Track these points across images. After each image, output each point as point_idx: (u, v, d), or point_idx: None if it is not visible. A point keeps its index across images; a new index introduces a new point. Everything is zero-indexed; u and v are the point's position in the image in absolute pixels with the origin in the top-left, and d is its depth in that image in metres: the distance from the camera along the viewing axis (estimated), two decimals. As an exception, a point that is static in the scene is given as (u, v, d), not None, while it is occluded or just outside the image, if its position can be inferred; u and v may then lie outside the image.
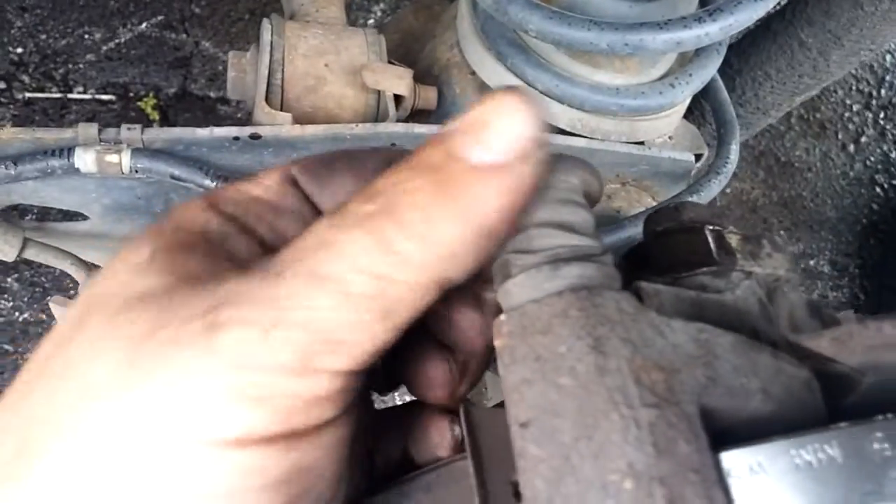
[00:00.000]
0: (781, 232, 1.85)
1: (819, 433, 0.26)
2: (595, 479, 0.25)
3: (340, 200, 0.29)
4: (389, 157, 0.34)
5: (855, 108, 1.91)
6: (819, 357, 0.30)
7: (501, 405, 0.29)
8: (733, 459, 0.26)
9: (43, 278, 1.60)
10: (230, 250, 0.31)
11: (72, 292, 1.49)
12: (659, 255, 0.37)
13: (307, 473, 0.28)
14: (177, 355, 0.26)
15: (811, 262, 1.84)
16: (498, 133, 0.27)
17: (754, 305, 0.33)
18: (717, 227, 0.36)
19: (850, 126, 1.90)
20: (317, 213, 0.34)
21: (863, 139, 1.89)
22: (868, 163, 1.89)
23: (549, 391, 0.27)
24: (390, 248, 0.26)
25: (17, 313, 1.58)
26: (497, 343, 0.29)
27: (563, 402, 0.26)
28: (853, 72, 1.90)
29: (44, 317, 1.57)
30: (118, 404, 0.26)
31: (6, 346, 1.55)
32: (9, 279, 1.58)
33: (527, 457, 0.26)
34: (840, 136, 1.90)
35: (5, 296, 1.57)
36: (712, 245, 0.35)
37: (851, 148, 1.90)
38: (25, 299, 1.58)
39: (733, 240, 0.36)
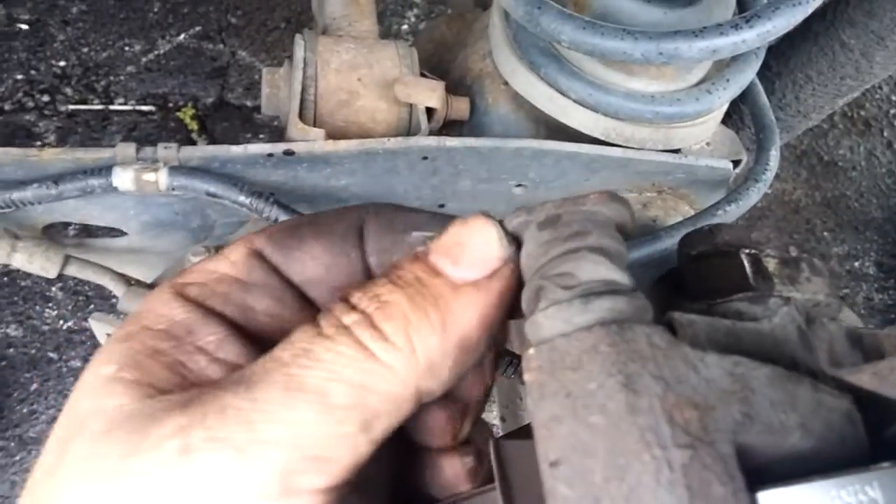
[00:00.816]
0: (825, 233, 1.81)
1: (859, 474, 0.25)
2: (627, 522, 0.24)
3: (308, 270, 0.32)
4: (356, 222, 0.34)
5: (901, 104, 1.86)
6: (860, 390, 0.29)
7: (529, 433, 0.29)
8: (771, 500, 0.25)
9: (86, 286, 1.63)
10: (197, 343, 0.31)
11: (113, 300, 1.52)
12: (693, 281, 0.36)
13: None
14: (151, 483, 0.26)
15: (856, 264, 1.80)
16: (473, 253, 0.30)
17: (793, 333, 0.32)
18: (753, 251, 0.36)
19: (896, 123, 1.85)
20: (285, 284, 0.34)
21: (909, 136, 1.85)
22: (915, 161, 1.84)
23: (580, 430, 0.26)
24: (371, 358, 0.27)
25: (61, 321, 1.61)
26: (527, 377, 0.28)
27: (594, 441, 0.26)
28: (899, 67, 1.85)
29: (87, 325, 1.60)
30: None
31: (51, 355, 1.59)
32: (53, 288, 1.62)
33: (557, 497, 0.26)
34: (885, 134, 1.85)
35: (50, 304, 1.61)
36: (748, 270, 0.35)
37: (897, 145, 1.85)
38: (69, 308, 1.62)
39: (770, 264, 0.35)
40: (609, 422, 0.26)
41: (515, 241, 0.31)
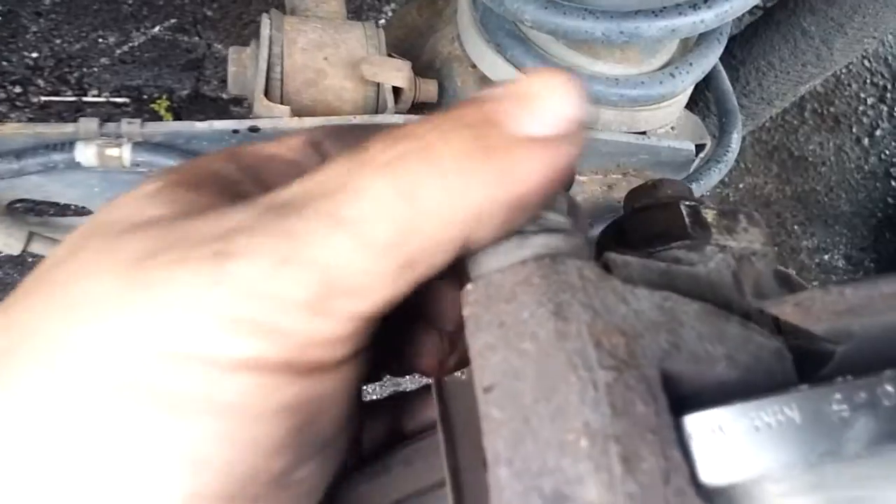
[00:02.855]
0: (796, 227, 1.84)
1: (779, 395, 0.26)
2: (552, 439, 0.25)
3: None
4: None
5: (869, 101, 1.89)
6: (787, 327, 0.30)
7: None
8: (694, 422, 0.26)
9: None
10: (241, 195, 0.29)
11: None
12: (634, 230, 0.37)
13: (317, 404, 0.27)
14: (181, 277, 0.24)
15: (826, 257, 1.83)
16: (549, 108, 0.27)
17: (728, 278, 0.33)
18: (693, 202, 0.37)
19: (865, 120, 1.88)
20: None
21: (877, 132, 1.88)
22: (883, 156, 1.87)
23: (512, 356, 0.27)
24: (417, 197, 0.25)
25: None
26: (464, 312, 0.29)
27: (525, 366, 0.26)
28: (867, 65, 1.89)
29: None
30: (113, 320, 0.24)
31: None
32: (16, 275, 1.60)
33: (489, 420, 0.26)
34: (854, 130, 1.88)
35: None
36: (687, 219, 0.36)
37: (866, 142, 1.88)
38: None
39: (709, 214, 0.36)
40: (539, 347, 0.27)
41: None
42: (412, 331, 0.36)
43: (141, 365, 0.24)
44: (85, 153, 0.66)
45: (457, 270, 0.36)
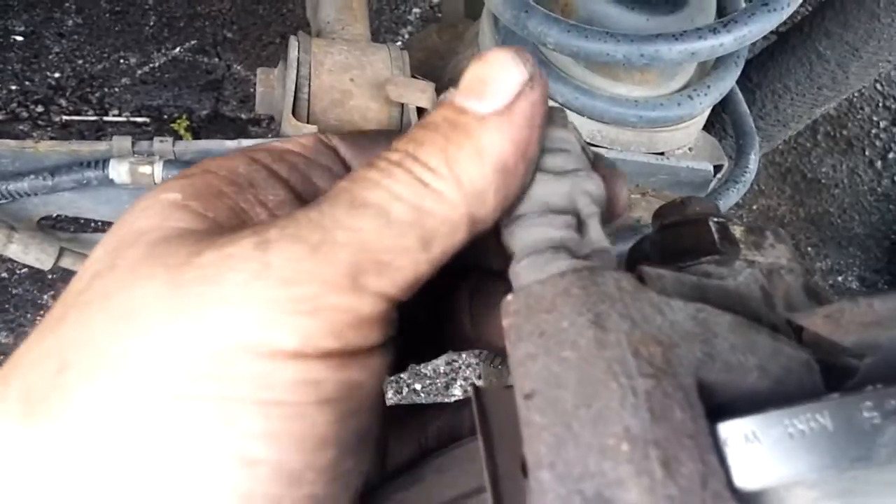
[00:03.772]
0: (809, 248, 1.84)
1: (811, 403, 0.26)
2: (594, 443, 0.26)
3: None
4: None
5: (882, 124, 1.90)
6: (816, 339, 0.31)
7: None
8: (729, 429, 0.26)
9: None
10: (258, 196, 0.32)
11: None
12: (664, 247, 0.38)
13: (357, 392, 0.28)
14: (226, 274, 0.26)
15: (839, 279, 1.83)
16: (495, 86, 0.30)
17: (756, 292, 0.34)
18: (721, 219, 0.38)
19: (878, 143, 1.89)
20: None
21: (890, 155, 1.88)
22: (896, 179, 1.88)
23: (552, 364, 0.28)
24: (423, 185, 0.29)
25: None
26: (504, 322, 0.30)
27: (565, 373, 0.27)
28: (880, 89, 1.90)
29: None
30: (165, 327, 0.26)
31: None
32: (45, 296, 1.62)
33: (531, 425, 0.27)
34: (867, 153, 1.89)
35: (41, 312, 1.61)
36: (716, 235, 0.37)
37: (879, 164, 1.89)
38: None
39: (737, 231, 0.37)
40: (579, 355, 0.28)
41: None
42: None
43: (194, 369, 0.25)
44: (118, 170, 0.68)
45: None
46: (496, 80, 0.30)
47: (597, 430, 0.26)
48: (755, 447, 0.26)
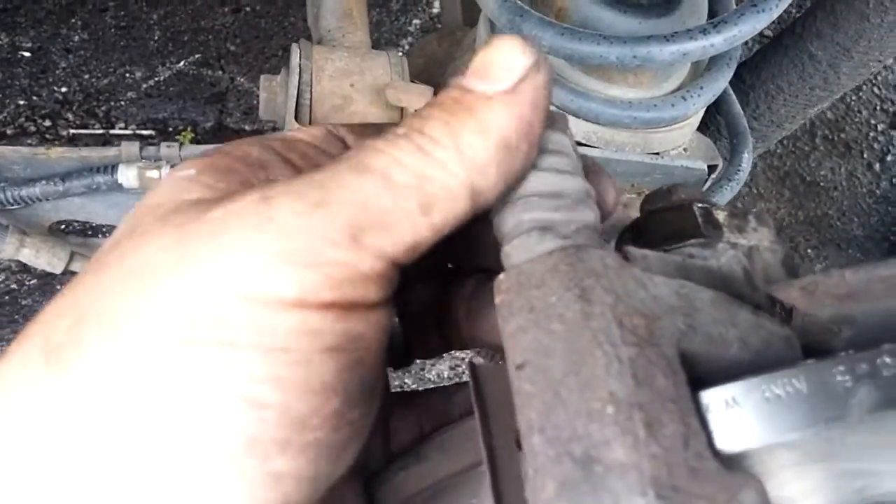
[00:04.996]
0: (809, 250, 1.85)
1: (787, 369, 0.28)
2: (581, 407, 0.27)
3: None
4: None
5: (880, 127, 1.91)
6: (802, 322, 0.32)
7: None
8: (710, 396, 0.28)
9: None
10: (268, 176, 0.33)
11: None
12: (651, 231, 0.40)
13: (358, 343, 0.29)
14: (231, 225, 0.28)
15: (840, 280, 1.83)
16: (501, 68, 0.32)
17: (739, 272, 0.36)
18: (705, 205, 0.39)
19: (876, 146, 1.90)
20: None
21: (888, 157, 1.90)
22: (895, 181, 1.89)
23: (541, 336, 0.29)
24: (425, 154, 0.30)
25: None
26: (497, 299, 0.32)
27: (554, 344, 0.29)
28: (877, 92, 1.91)
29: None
30: (171, 279, 0.27)
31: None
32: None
33: (522, 394, 0.29)
34: (866, 156, 1.90)
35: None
36: (700, 219, 0.38)
37: (877, 167, 1.90)
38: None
39: (720, 215, 0.39)
40: (566, 327, 0.29)
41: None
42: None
43: (199, 316, 0.27)
44: (127, 175, 0.69)
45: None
46: (502, 62, 0.32)
47: (584, 395, 0.27)
48: (735, 411, 0.27)
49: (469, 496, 0.35)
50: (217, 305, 0.27)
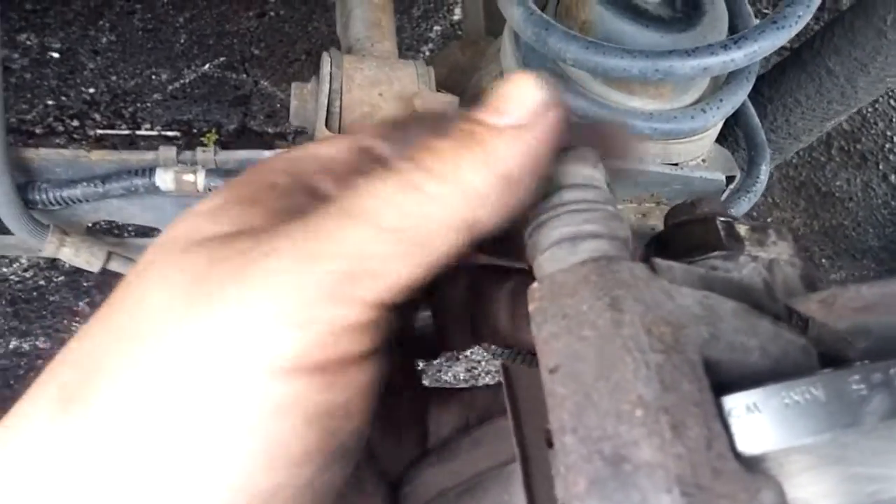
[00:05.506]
0: (824, 260, 1.86)
1: (806, 378, 0.29)
2: (611, 409, 0.29)
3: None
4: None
5: (896, 139, 1.92)
6: (819, 332, 0.34)
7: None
8: (732, 401, 0.29)
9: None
10: (294, 204, 0.33)
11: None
12: (674, 243, 0.41)
13: (339, 412, 0.29)
14: (231, 285, 0.28)
15: (855, 291, 1.83)
16: (513, 101, 0.32)
17: (759, 284, 0.37)
18: (727, 218, 0.41)
19: (892, 157, 1.91)
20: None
21: (904, 169, 1.90)
22: (910, 193, 1.90)
23: (574, 342, 0.31)
24: (419, 190, 0.30)
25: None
26: (531, 307, 0.33)
27: (585, 350, 0.30)
28: (894, 104, 1.92)
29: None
30: (177, 332, 0.27)
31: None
32: (80, 303, 1.66)
33: (554, 396, 0.30)
34: (881, 167, 1.91)
35: (77, 319, 1.66)
36: (722, 233, 0.40)
37: (893, 178, 1.91)
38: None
39: (742, 229, 0.41)
40: (598, 334, 0.31)
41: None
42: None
43: (192, 384, 0.27)
44: (164, 178, 0.72)
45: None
46: (516, 96, 0.32)
47: (613, 398, 0.28)
48: (756, 416, 0.28)
49: (500, 492, 0.37)
50: (208, 377, 0.27)
